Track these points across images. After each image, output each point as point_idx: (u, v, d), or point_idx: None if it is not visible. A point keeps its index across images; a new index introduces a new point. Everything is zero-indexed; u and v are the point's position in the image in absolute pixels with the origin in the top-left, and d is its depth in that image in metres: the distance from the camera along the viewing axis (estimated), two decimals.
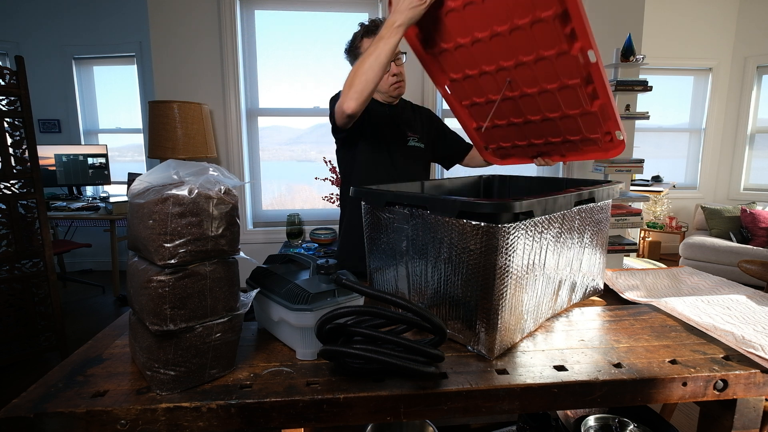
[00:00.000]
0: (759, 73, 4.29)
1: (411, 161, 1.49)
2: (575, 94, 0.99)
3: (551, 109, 1.06)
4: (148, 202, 0.60)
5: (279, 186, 3.08)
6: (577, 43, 0.90)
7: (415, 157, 1.50)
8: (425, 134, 1.55)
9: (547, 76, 0.99)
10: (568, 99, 1.01)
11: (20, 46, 3.88)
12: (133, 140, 4.21)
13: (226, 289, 0.64)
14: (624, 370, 0.67)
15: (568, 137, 1.11)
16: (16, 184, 2.13)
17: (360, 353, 0.62)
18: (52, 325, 2.28)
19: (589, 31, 0.87)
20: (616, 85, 2.62)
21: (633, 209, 2.66)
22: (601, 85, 0.94)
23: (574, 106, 1.02)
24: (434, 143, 1.58)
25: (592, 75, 0.93)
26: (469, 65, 1.09)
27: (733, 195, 4.50)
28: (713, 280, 1.09)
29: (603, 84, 0.94)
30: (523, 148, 1.25)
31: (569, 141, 1.12)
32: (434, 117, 1.62)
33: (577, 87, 0.97)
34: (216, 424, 0.59)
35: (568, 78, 0.96)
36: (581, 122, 1.04)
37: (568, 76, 0.96)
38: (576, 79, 0.96)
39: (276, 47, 2.83)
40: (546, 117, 1.08)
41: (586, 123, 1.04)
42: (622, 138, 1.02)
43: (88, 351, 0.75)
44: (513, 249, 0.69)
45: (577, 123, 1.05)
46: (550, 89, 1.01)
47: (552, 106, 1.05)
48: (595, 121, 1.02)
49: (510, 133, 1.22)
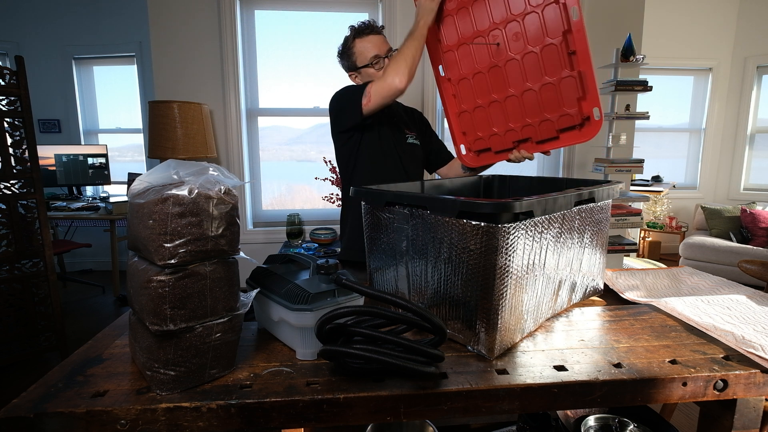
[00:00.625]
0: (759, 73, 4.29)
1: (411, 158, 1.49)
2: (557, 56, 1.03)
3: (533, 77, 1.10)
4: (148, 202, 0.60)
5: (279, 186, 3.08)
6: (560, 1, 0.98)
7: (414, 153, 1.51)
8: (418, 132, 1.56)
9: (534, 34, 1.05)
10: (549, 61, 1.05)
11: (20, 46, 3.88)
12: (133, 140, 4.21)
13: (226, 289, 0.64)
14: (624, 370, 0.67)
15: (547, 114, 1.11)
16: (16, 184, 2.13)
17: (360, 353, 0.62)
18: (52, 325, 2.28)
19: None
20: (616, 85, 2.62)
21: (633, 209, 2.66)
22: (582, 45, 0.98)
23: (554, 70, 1.05)
24: (424, 142, 1.60)
25: (573, 33, 0.98)
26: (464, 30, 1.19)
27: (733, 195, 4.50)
28: (713, 280, 1.09)
29: (584, 45, 0.98)
30: (500, 136, 1.25)
31: (547, 120, 1.12)
32: (423, 118, 1.65)
33: (558, 45, 1.01)
34: (216, 424, 0.59)
35: (552, 35, 1.02)
36: (561, 91, 1.06)
37: (552, 32, 1.02)
38: (558, 36, 1.00)
39: (276, 47, 2.83)
40: (528, 88, 1.11)
41: (565, 92, 1.06)
42: (599, 117, 1.03)
43: (88, 351, 0.75)
44: (513, 249, 0.69)
45: (557, 93, 1.07)
46: (534, 50, 1.06)
47: (534, 72, 1.09)
48: (574, 90, 1.03)
49: (489, 116, 1.24)
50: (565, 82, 1.05)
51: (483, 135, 1.29)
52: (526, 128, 1.18)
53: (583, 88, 1.03)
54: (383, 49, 1.36)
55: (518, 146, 1.23)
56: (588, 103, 1.04)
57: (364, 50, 1.36)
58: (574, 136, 1.11)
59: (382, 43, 1.37)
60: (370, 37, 1.36)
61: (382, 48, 1.36)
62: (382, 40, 1.37)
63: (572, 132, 1.11)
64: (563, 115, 1.09)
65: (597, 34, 2.90)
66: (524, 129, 1.19)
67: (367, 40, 1.36)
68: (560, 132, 1.12)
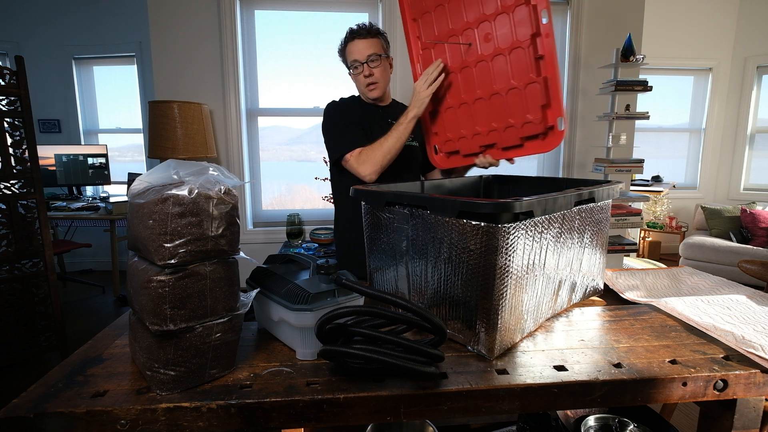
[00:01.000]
0: (759, 73, 4.29)
1: (408, 160, 1.49)
2: (524, 60, 1.01)
3: (501, 80, 1.08)
4: (148, 202, 0.60)
5: (279, 186, 3.08)
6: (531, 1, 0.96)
7: (412, 155, 1.51)
8: (418, 133, 1.56)
9: (503, 36, 1.03)
10: (516, 65, 1.03)
11: (20, 46, 3.88)
12: (133, 140, 4.21)
13: (226, 289, 0.64)
14: (624, 370, 0.67)
15: (511, 120, 1.09)
16: (16, 184, 2.13)
17: (360, 353, 0.62)
18: (52, 325, 2.28)
19: None
20: (616, 85, 2.62)
21: (633, 209, 2.66)
22: (549, 50, 0.96)
23: (521, 74, 1.03)
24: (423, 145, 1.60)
25: (542, 37, 0.96)
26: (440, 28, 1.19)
27: (733, 195, 4.50)
28: (713, 280, 1.09)
29: (551, 50, 0.96)
30: (468, 139, 1.24)
31: (512, 126, 1.10)
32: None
33: (526, 49, 0.99)
34: (216, 424, 0.59)
35: (520, 37, 1.00)
36: (526, 97, 1.04)
37: (520, 35, 1.00)
38: (526, 39, 0.98)
39: (276, 47, 2.83)
40: (495, 92, 1.10)
41: (530, 98, 1.03)
42: (563, 128, 1.01)
43: (88, 351, 0.75)
44: (513, 249, 0.69)
45: (522, 99, 1.05)
46: (503, 52, 1.04)
47: (502, 75, 1.07)
48: (538, 97, 1.01)
49: (458, 118, 1.24)
50: (530, 88, 1.02)
51: (453, 137, 1.28)
52: (492, 133, 1.16)
53: (547, 96, 1.00)
54: (363, 54, 1.38)
55: (485, 151, 1.23)
56: (552, 111, 1.01)
57: (349, 54, 1.41)
58: (537, 145, 1.08)
59: (366, 47, 1.38)
60: (355, 41, 1.39)
61: (363, 53, 1.38)
62: (367, 44, 1.38)
63: (536, 141, 1.08)
64: (527, 123, 1.06)
65: (597, 34, 2.90)
66: (490, 134, 1.17)
67: (352, 44, 1.39)
68: (524, 140, 1.10)
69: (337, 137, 1.42)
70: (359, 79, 1.43)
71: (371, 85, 1.42)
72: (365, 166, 1.32)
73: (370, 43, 1.38)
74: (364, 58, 1.38)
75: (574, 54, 2.90)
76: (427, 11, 1.21)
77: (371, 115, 1.47)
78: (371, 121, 1.45)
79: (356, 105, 1.51)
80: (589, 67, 2.92)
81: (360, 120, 1.44)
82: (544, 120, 1.02)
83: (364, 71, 1.40)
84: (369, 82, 1.42)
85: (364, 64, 1.39)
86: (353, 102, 1.53)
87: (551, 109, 1.00)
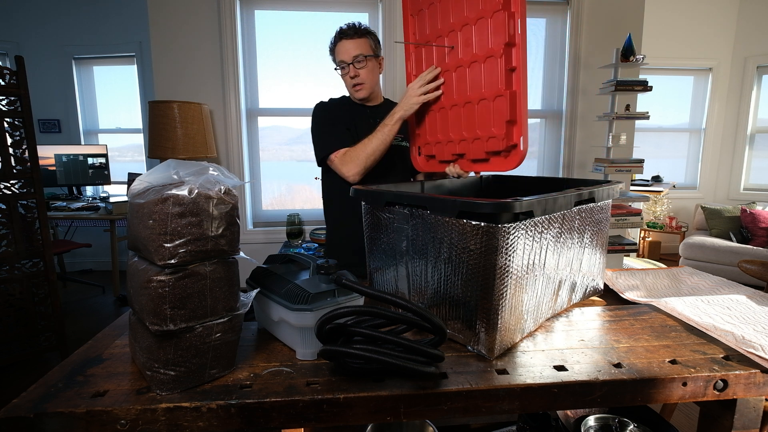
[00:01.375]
0: (759, 73, 4.29)
1: (395, 160, 1.47)
2: (496, 69, 0.98)
3: (474, 89, 1.05)
4: (148, 202, 0.60)
5: (279, 186, 3.08)
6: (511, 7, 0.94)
7: (400, 155, 1.49)
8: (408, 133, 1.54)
9: (480, 42, 1.01)
10: (489, 75, 1.00)
11: (20, 46, 3.88)
12: (133, 140, 4.21)
13: (226, 289, 0.64)
14: (624, 370, 0.67)
15: (479, 132, 1.07)
16: (16, 184, 2.13)
17: (360, 353, 0.62)
18: (52, 325, 2.28)
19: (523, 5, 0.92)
20: (616, 85, 2.62)
21: (633, 209, 2.66)
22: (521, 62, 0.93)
23: (492, 85, 1.00)
24: None
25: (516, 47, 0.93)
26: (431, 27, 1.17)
27: (733, 195, 4.50)
28: (713, 280, 1.09)
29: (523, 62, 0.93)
30: (442, 145, 1.22)
31: (479, 138, 1.08)
32: None
33: (498, 58, 0.96)
34: (216, 424, 0.59)
35: (494, 45, 0.97)
36: (494, 110, 1.01)
37: (494, 43, 0.97)
38: (500, 47, 0.95)
39: (276, 47, 2.83)
40: (468, 100, 1.07)
41: (497, 112, 1.00)
42: (524, 148, 0.97)
43: (88, 351, 0.75)
44: (513, 249, 0.69)
45: (490, 112, 1.02)
46: (479, 57, 1.02)
47: (476, 84, 1.04)
48: (504, 112, 0.98)
49: (437, 122, 1.22)
50: (498, 101, 0.98)
51: (431, 140, 1.26)
52: (463, 143, 1.13)
53: (513, 112, 0.96)
54: (350, 55, 1.37)
55: (456, 160, 1.21)
56: (517, 128, 0.97)
57: (337, 54, 1.41)
58: (500, 162, 1.04)
59: (353, 48, 1.37)
60: (342, 42, 1.39)
61: (349, 54, 1.37)
62: (354, 45, 1.37)
63: (499, 157, 1.04)
64: (492, 137, 1.03)
65: (597, 34, 2.90)
66: (461, 143, 1.14)
67: (340, 44, 1.39)
68: (489, 154, 1.06)
69: (323, 137, 1.42)
70: (346, 80, 1.44)
71: (357, 86, 1.42)
72: (349, 166, 1.33)
73: (357, 44, 1.38)
74: (350, 58, 1.37)
75: (574, 54, 2.90)
76: (422, 9, 1.20)
77: (358, 116, 1.47)
78: (358, 122, 1.45)
79: (345, 105, 1.51)
80: (589, 67, 2.92)
81: (347, 120, 1.44)
82: (508, 137, 0.98)
83: (350, 72, 1.40)
84: (355, 83, 1.41)
85: (350, 65, 1.38)
86: (342, 102, 1.52)
87: (516, 126, 0.97)
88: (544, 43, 3.02)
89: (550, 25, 2.99)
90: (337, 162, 1.36)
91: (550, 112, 3.08)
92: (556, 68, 3.02)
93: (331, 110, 1.48)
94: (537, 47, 3.03)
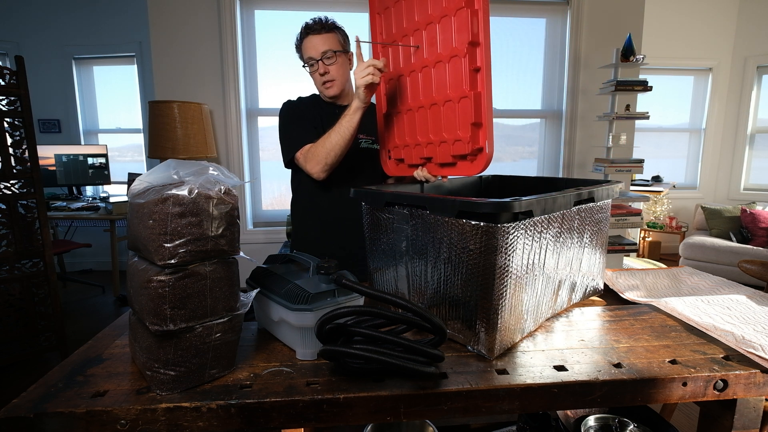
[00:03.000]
0: (759, 73, 4.29)
1: (364, 162, 1.41)
2: (460, 69, 0.95)
3: (440, 90, 1.02)
4: (148, 202, 0.60)
5: (279, 186, 3.07)
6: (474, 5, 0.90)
7: (368, 157, 1.42)
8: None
9: (444, 41, 0.98)
10: (453, 75, 0.97)
11: (20, 46, 3.88)
12: (133, 140, 4.21)
13: (226, 289, 0.64)
14: (624, 370, 0.67)
15: (445, 135, 1.04)
16: (16, 184, 2.13)
17: (360, 353, 0.62)
18: (52, 325, 2.28)
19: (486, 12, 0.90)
20: (616, 85, 2.62)
21: (633, 209, 2.66)
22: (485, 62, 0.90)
23: (456, 86, 0.97)
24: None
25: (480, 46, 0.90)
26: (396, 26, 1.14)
27: (733, 195, 4.50)
28: (713, 280, 1.09)
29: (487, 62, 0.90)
30: (410, 149, 1.19)
31: (445, 141, 1.05)
32: None
33: (462, 57, 0.93)
34: (216, 424, 0.59)
35: (458, 44, 0.94)
36: (459, 112, 0.98)
37: (458, 42, 0.94)
38: (463, 46, 0.92)
39: (276, 47, 2.83)
40: (434, 101, 1.04)
41: (461, 114, 0.97)
42: (489, 152, 0.94)
43: (88, 351, 0.75)
44: (512, 249, 0.69)
45: (455, 114, 0.99)
46: (443, 57, 0.99)
47: (441, 85, 1.01)
48: (469, 114, 0.95)
49: (404, 125, 1.19)
50: (463, 102, 0.95)
51: (399, 143, 1.22)
52: (429, 146, 1.10)
53: (478, 114, 0.92)
54: (318, 51, 1.32)
55: (425, 164, 1.16)
56: (483, 131, 0.94)
57: (304, 50, 1.36)
58: (466, 166, 1.01)
59: (321, 43, 1.32)
60: (310, 37, 1.34)
61: (318, 50, 1.32)
62: (322, 40, 1.32)
63: (465, 161, 1.01)
64: (457, 140, 0.99)
65: (597, 34, 2.90)
66: (428, 146, 1.10)
67: (307, 40, 1.34)
68: (456, 158, 1.03)
69: (288, 136, 1.37)
70: (315, 77, 1.38)
71: (327, 83, 1.36)
72: (311, 163, 1.28)
73: (325, 39, 1.32)
74: (319, 54, 1.32)
75: (574, 54, 2.90)
76: (388, 6, 1.17)
77: (327, 115, 1.39)
78: (327, 121, 1.36)
79: (313, 104, 1.45)
80: (589, 67, 2.92)
81: (315, 118, 1.39)
82: (474, 140, 0.95)
83: (319, 69, 1.34)
84: (325, 80, 1.36)
85: (319, 62, 1.33)
86: (311, 101, 1.46)
87: (482, 129, 0.94)
88: (544, 43, 3.02)
89: (550, 25, 2.99)
90: (302, 160, 1.31)
91: (550, 112, 3.08)
92: (556, 68, 3.02)
93: (297, 108, 1.42)
94: (537, 47, 3.03)
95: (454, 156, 1.02)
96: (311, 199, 1.43)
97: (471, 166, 0.99)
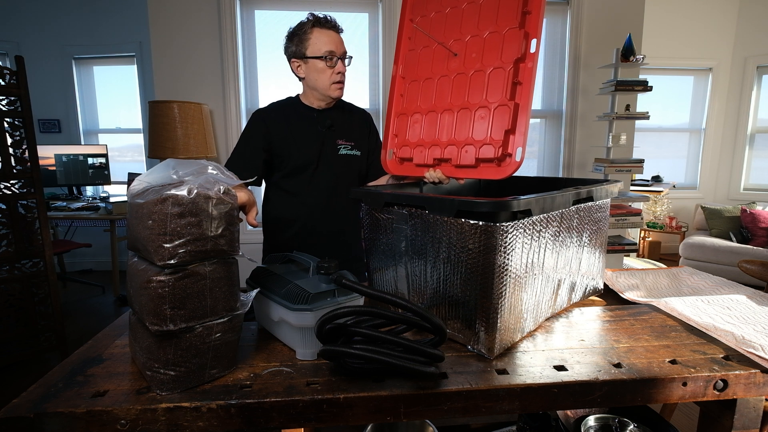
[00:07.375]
0: (759, 73, 4.29)
1: (343, 169, 1.37)
2: (502, 81, 1.00)
3: (474, 96, 1.07)
4: (147, 202, 0.60)
5: None
6: (526, 27, 0.97)
7: (347, 165, 1.38)
8: (362, 140, 1.42)
9: (489, 54, 1.03)
10: (493, 85, 1.02)
11: (20, 46, 3.88)
12: (133, 140, 4.21)
13: (226, 289, 0.64)
14: (624, 370, 0.67)
15: (474, 137, 1.08)
16: (16, 184, 2.13)
17: (360, 353, 0.62)
18: (52, 325, 2.28)
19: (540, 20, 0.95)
20: (616, 85, 2.62)
21: (633, 209, 2.66)
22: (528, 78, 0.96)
23: (495, 94, 1.02)
24: (367, 150, 1.44)
25: (525, 63, 0.96)
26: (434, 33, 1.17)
27: (733, 195, 4.50)
28: (713, 280, 1.09)
29: (530, 78, 0.96)
30: (424, 149, 1.20)
31: (471, 144, 1.09)
32: (371, 124, 1.49)
33: (506, 71, 1.00)
34: (216, 424, 0.59)
35: (505, 59, 1.00)
36: (494, 118, 1.03)
37: (506, 57, 1.00)
38: (510, 62, 0.98)
39: (276, 47, 2.83)
40: (464, 106, 1.09)
41: (497, 120, 1.02)
42: (520, 159, 0.99)
43: (88, 351, 0.75)
44: (511, 248, 0.69)
45: (489, 120, 1.04)
46: (485, 68, 1.05)
47: (477, 91, 1.06)
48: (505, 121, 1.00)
49: (423, 125, 1.21)
50: (499, 110, 1.01)
51: (411, 143, 1.24)
52: (450, 148, 1.13)
53: (514, 122, 0.99)
54: (340, 49, 1.26)
55: (438, 165, 1.16)
56: (515, 139, 0.99)
57: (320, 42, 1.24)
58: (492, 169, 1.05)
59: (341, 43, 1.27)
60: (331, 32, 1.25)
61: (340, 48, 1.26)
62: (341, 41, 1.28)
63: (491, 165, 1.05)
64: (486, 144, 1.04)
65: (597, 34, 2.90)
66: (448, 148, 1.14)
67: (327, 33, 1.25)
68: (480, 161, 1.07)
69: (230, 160, 1.31)
70: (327, 74, 1.27)
71: (338, 84, 1.30)
72: None
73: (342, 40, 1.28)
74: (341, 53, 1.26)
75: (574, 54, 2.90)
76: (426, 15, 1.21)
77: (303, 122, 1.34)
78: (301, 129, 1.32)
79: (289, 107, 1.36)
80: (589, 67, 2.92)
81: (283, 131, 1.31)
82: (505, 145, 1.00)
83: (339, 68, 1.27)
84: (339, 80, 1.29)
85: (340, 60, 1.26)
86: (285, 105, 1.36)
87: (514, 136, 1.00)
88: (544, 43, 3.02)
89: (550, 25, 2.99)
90: None
91: (550, 112, 3.08)
92: (556, 68, 3.02)
93: (251, 128, 1.32)
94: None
95: (479, 159, 1.06)
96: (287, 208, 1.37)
97: (498, 170, 1.04)
